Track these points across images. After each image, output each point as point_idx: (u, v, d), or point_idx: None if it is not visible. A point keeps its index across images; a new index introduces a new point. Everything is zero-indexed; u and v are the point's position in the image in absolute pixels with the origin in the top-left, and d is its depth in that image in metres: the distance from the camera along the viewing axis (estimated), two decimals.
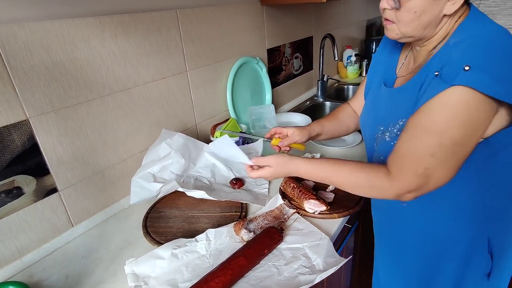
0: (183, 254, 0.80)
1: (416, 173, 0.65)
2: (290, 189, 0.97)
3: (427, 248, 0.84)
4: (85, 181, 0.95)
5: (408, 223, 0.85)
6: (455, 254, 0.81)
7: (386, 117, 0.78)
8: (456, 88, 0.59)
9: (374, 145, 0.83)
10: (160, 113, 1.13)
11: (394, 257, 0.96)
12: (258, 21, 1.50)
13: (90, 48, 0.90)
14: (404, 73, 0.81)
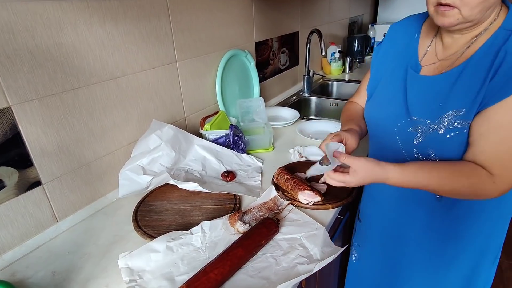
0: (178, 247, 0.78)
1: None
2: (284, 181, 0.97)
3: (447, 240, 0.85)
4: (70, 173, 0.91)
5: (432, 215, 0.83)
6: (476, 242, 0.83)
7: (431, 107, 0.72)
8: None
9: (412, 140, 0.75)
10: (149, 104, 1.10)
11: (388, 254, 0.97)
12: (247, 14, 1.49)
13: (77, 34, 0.86)
14: (431, 61, 0.78)
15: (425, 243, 0.87)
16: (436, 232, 0.84)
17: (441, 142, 0.71)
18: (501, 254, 1.96)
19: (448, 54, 0.75)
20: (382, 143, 0.86)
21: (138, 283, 0.69)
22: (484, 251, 0.85)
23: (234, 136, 1.19)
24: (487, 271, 0.89)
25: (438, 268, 0.88)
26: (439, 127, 0.70)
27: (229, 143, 1.20)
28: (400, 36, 0.86)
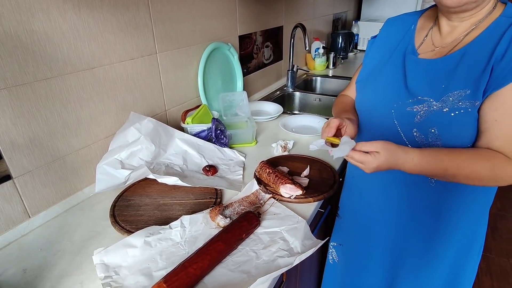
0: (156, 242, 0.76)
1: None
2: (266, 175, 0.97)
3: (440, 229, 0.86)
4: (43, 167, 0.87)
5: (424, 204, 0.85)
6: (464, 233, 0.85)
7: (435, 87, 0.73)
8: None
9: (413, 119, 0.75)
10: (127, 96, 1.06)
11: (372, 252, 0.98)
12: (231, 6, 1.47)
13: (50, 21, 0.81)
14: (428, 49, 0.79)
15: (419, 231, 0.88)
16: (430, 217, 0.85)
17: (445, 120, 0.71)
18: None
19: (446, 42, 0.77)
20: (377, 128, 0.85)
21: (114, 279, 0.67)
22: (471, 242, 0.87)
23: (216, 130, 1.18)
24: (473, 262, 0.91)
25: (430, 257, 0.89)
26: (443, 106, 0.71)
27: (211, 137, 1.18)
28: (396, 29, 0.87)
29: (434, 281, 0.92)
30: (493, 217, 2.34)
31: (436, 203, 0.83)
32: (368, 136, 0.87)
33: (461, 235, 0.85)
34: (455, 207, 0.82)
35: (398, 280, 0.96)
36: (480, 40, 0.70)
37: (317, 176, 1.02)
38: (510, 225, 2.26)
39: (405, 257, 0.93)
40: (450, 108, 0.70)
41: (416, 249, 0.90)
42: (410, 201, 0.86)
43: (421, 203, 0.84)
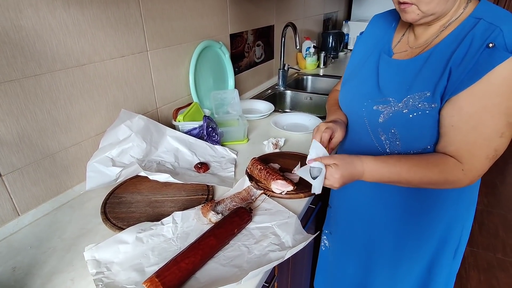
0: (148, 238, 0.76)
1: (487, 157, 0.66)
2: (257, 171, 0.98)
3: (407, 231, 0.88)
4: (33, 165, 0.86)
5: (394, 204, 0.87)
6: (435, 235, 0.86)
7: (399, 88, 0.75)
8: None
9: (378, 119, 0.78)
10: (118, 94, 1.06)
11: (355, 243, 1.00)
12: (222, 5, 1.47)
13: (39, 17, 0.81)
14: (403, 49, 0.81)
15: (391, 226, 0.90)
16: (401, 215, 0.87)
17: (404, 121, 0.73)
18: None
19: (419, 43, 0.78)
20: (352, 125, 0.89)
21: (106, 275, 0.67)
22: (444, 241, 0.87)
23: (208, 127, 1.18)
24: (447, 265, 0.90)
25: (403, 253, 0.91)
26: (404, 107, 0.73)
27: (203, 134, 1.18)
28: (380, 25, 0.89)
29: (408, 279, 0.93)
30: (480, 213, 2.40)
31: (405, 202, 0.85)
32: (347, 132, 0.91)
33: (432, 234, 0.86)
34: (425, 206, 0.83)
35: (373, 273, 0.99)
36: (445, 42, 0.71)
37: None
38: (497, 221, 2.32)
39: (378, 252, 0.95)
40: (410, 109, 0.72)
41: (387, 245, 0.92)
42: (381, 198, 0.88)
43: (391, 200, 0.86)
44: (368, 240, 0.96)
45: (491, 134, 0.65)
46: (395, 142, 0.77)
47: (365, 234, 0.96)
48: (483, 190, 2.65)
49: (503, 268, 1.93)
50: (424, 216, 0.84)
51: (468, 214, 0.88)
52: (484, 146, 0.66)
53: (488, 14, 0.67)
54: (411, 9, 0.70)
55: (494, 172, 2.90)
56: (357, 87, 0.85)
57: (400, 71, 0.77)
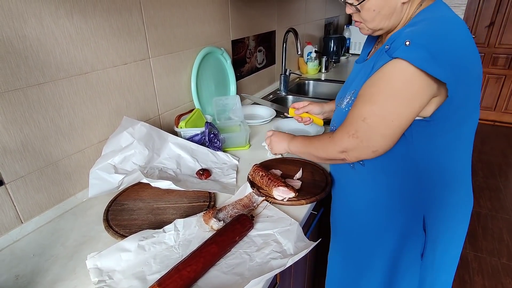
0: (150, 245, 0.76)
1: (348, 133, 0.76)
2: (259, 178, 0.98)
3: (366, 226, 0.90)
4: (36, 173, 0.87)
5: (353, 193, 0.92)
6: (392, 232, 0.86)
7: (346, 88, 0.89)
8: (395, 61, 0.66)
9: (335, 116, 0.93)
10: (121, 101, 1.07)
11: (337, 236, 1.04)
12: (223, 11, 1.48)
13: (43, 27, 0.82)
14: None
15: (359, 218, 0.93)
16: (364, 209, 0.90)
17: (341, 115, 0.84)
18: (467, 245, 2.05)
19: None
20: None
21: (108, 284, 0.67)
22: (403, 237, 0.84)
23: (210, 133, 1.18)
24: (411, 264, 0.86)
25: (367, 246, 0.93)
26: (342, 103, 0.86)
27: (205, 141, 1.19)
28: (370, 37, 0.95)
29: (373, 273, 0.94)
30: (484, 217, 2.38)
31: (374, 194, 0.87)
32: None
33: (392, 228, 0.86)
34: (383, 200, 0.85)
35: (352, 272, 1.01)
36: (380, 49, 0.76)
37: (309, 178, 1.03)
38: (501, 225, 2.30)
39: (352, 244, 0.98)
40: (345, 105, 0.84)
41: (358, 235, 0.94)
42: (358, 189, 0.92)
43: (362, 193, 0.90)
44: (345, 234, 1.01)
45: (355, 116, 0.74)
46: None
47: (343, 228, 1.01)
48: (486, 194, 2.63)
49: (509, 273, 1.91)
50: (382, 208, 0.86)
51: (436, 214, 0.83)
52: (347, 123, 0.77)
53: (417, 20, 0.71)
54: (361, 26, 0.80)
55: (498, 175, 2.88)
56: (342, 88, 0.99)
57: (354, 72, 0.89)
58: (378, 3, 0.71)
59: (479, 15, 3.64)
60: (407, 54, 0.63)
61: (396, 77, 0.67)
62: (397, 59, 0.65)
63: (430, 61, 0.62)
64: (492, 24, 3.62)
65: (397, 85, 0.67)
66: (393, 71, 0.67)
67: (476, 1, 3.59)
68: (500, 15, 3.56)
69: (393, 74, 0.67)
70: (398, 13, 0.73)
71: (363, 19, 0.77)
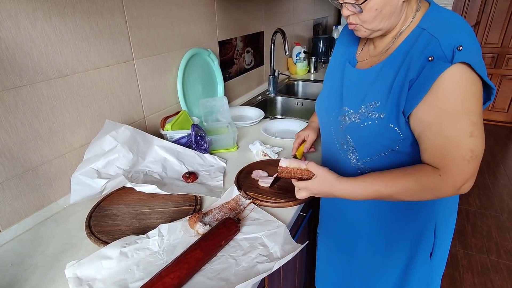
0: (133, 252, 0.74)
1: (464, 159, 0.65)
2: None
3: (380, 232, 0.88)
4: (14, 179, 0.84)
5: (362, 207, 0.88)
6: (407, 236, 0.85)
7: (356, 98, 0.78)
8: (458, 65, 0.62)
9: (340, 127, 0.82)
10: (104, 104, 1.04)
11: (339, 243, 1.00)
12: (210, 12, 1.47)
13: (19, 29, 0.79)
14: (364, 57, 0.83)
15: (363, 229, 0.91)
16: (371, 217, 0.88)
17: (357, 130, 0.77)
18: (457, 243, 2.07)
19: (377, 52, 0.80)
20: (324, 132, 0.95)
21: None
22: (416, 242, 0.86)
23: (196, 136, 1.17)
24: (423, 266, 0.88)
25: (377, 256, 0.91)
26: (357, 117, 0.77)
27: (191, 143, 1.17)
28: (350, 33, 0.89)
29: (385, 281, 0.93)
30: (473, 214, 2.41)
31: (376, 204, 0.85)
32: (322, 139, 0.98)
33: (402, 236, 0.86)
34: (395, 209, 0.84)
35: (353, 276, 0.99)
36: (395, 54, 0.73)
37: None
38: (490, 222, 2.32)
39: (356, 255, 0.96)
40: (361, 119, 0.76)
41: (365, 247, 0.93)
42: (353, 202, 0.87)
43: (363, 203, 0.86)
44: (348, 243, 0.97)
45: (459, 136, 0.64)
46: (352, 149, 0.82)
47: (344, 237, 0.97)
48: (475, 192, 2.66)
49: (497, 270, 1.93)
50: (394, 219, 0.85)
51: (444, 215, 0.86)
52: (455, 148, 0.65)
53: (431, 24, 0.69)
54: (359, 27, 0.74)
55: (486, 173, 2.92)
56: (326, 98, 0.91)
57: (359, 80, 0.79)
58: (380, 1, 0.68)
59: (465, 14, 3.69)
60: (467, 58, 0.62)
61: (469, 81, 0.63)
62: (458, 64, 0.62)
63: (480, 64, 0.63)
64: (477, 23, 3.68)
65: (473, 87, 0.64)
66: (462, 76, 0.63)
67: (462, 1, 3.65)
68: (485, 14, 3.62)
69: (464, 78, 0.63)
70: (397, 13, 0.71)
71: (361, 21, 0.72)
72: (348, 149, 0.83)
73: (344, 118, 0.80)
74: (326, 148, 0.94)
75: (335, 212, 0.99)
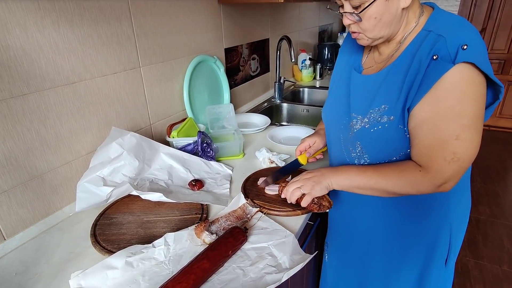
0: (138, 262, 0.72)
1: (445, 159, 0.66)
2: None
3: (394, 239, 0.86)
4: (20, 187, 0.83)
5: (377, 215, 0.86)
6: (422, 244, 0.84)
7: (364, 104, 0.78)
8: (459, 66, 0.62)
9: (349, 134, 0.82)
10: (110, 111, 1.04)
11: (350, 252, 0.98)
12: (216, 20, 1.47)
13: (27, 36, 0.80)
14: (370, 64, 0.83)
15: (376, 238, 0.89)
16: (384, 225, 0.86)
17: (366, 135, 0.77)
18: (468, 252, 2.02)
19: (382, 58, 0.80)
20: (331, 141, 0.93)
21: None
22: (432, 249, 0.84)
23: (203, 143, 1.16)
24: (439, 273, 0.88)
25: (391, 264, 0.89)
26: (366, 122, 0.77)
27: (198, 150, 1.16)
28: (354, 41, 0.89)
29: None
30: (484, 223, 2.36)
31: (388, 212, 0.84)
32: (328, 146, 0.98)
33: (417, 243, 0.85)
34: (407, 216, 0.83)
35: (367, 284, 0.97)
36: (402, 58, 0.73)
37: None
38: (501, 231, 2.27)
39: (369, 264, 0.93)
40: (371, 124, 0.76)
41: (375, 257, 0.91)
42: (364, 210, 0.88)
43: (374, 212, 0.86)
44: (360, 253, 0.95)
45: (446, 137, 0.66)
46: (362, 155, 0.81)
47: (356, 247, 0.95)
48: (485, 200, 2.61)
49: (510, 281, 1.87)
50: (407, 225, 0.83)
51: (457, 220, 0.85)
52: (440, 148, 0.67)
53: (437, 25, 0.69)
54: (361, 36, 0.75)
55: (496, 180, 2.87)
56: (333, 106, 0.90)
57: (366, 86, 0.79)
58: (379, 10, 0.68)
59: (471, 21, 3.68)
60: (470, 57, 0.61)
61: (469, 81, 0.63)
62: (462, 64, 0.62)
63: (485, 62, 0.63)
64: (484, 29, 3.66)
65: (473, 88, 0.64)
66: (463, 76, 0.63)
67: (467, 7, 3.64)
68: (491, 20, 3.60)
69: (465, 79, 0.63)
70: (398, 20, 0.71)
71: (362, 29, 0.72)
72: (357, 155, 0.82)
73: (353, 124, 0.80)
74: (335, 156, 0.93)
75: (345, 222, 0.97)
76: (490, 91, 0.68)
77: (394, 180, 0.73)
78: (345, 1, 0.70)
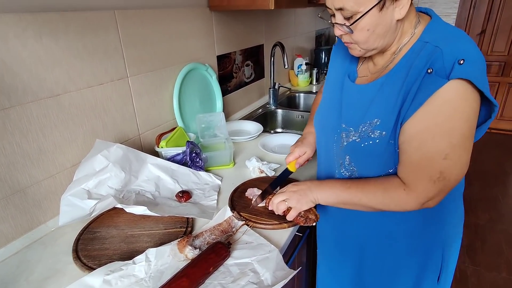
0: (117, 279, 0.71)
1: (431, 179, 0.64)
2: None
3: (386, 258, 0.84)
4: (1, 201, 0.82)
5: (367, 228, 0.84)
6: (414, 262, 0.82)
7: (355, 116, 0.75)
8: (454, 82, 0.59)
9: (340, 144, 0.79)
10: (96, 123, 1.03)
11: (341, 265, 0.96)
12: (207, 27, 1.46)
13: (8, 49, 0.79)
14: (364, 73, 0.80)
15: (368, 254, 0.87)
16: (377, 239, 0.84)
17: (357, 150, 0.75)
18: (466, 259, 1.99)
19: (376, 69, 0.77)
20: (321, 149, 0.92)
21: None
22: (423, 267, 0.83)
23: (191, 153, 1.14)
24: (430, 283, 0.86)
25: (383, 280, 0.88)
26: (357, 136, 0.74)
27: (186, 160, 1.14)
28: None
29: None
30: (482, 228, 2.33)
31: (381, 226, 0.82)
32: (318, 154, 0.95)
33: (409, 260, 0.83)
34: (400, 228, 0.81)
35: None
36: (396, 69, 0.70)
37: None
38: (500, 237, 2.24)
39: (363, 277, 0.91)
40: (361, 138, 0.73)
41: (370, 270, 0.89)
42: (360, 221, 0.85)
43: (366, 224, 0.84)
44: (351, 267, 0.93)
45: (434, 155, 0.64)
46: (351, 167, 0.79)
47: (347, 261, 0.93)
48: (484, 205, 2.58)
49: None
50: (398, 242, 0.82)
51: (450, 238, 0.83)
52: (426, 167, 0.65)
53: (434, 36, 0.66)
54: (354, 46, 0.72)
55: (495, 185, 2.84)
56: (324, 113, 0.88)
57: (359, 96, 0.76)
58: (372, 22, 0.65)
59: (470, 23, 3.65)
60: (468, 73, 0.58)
61: (463, 99, 0.61)
62: (456, 80, 0.59)
63: (481, 78, 0.60)
64: (483, 32, 3.64)
65: (466, 107, 0.61)
66: (457, 93, 0.60)
67: (466, 10, 3.61)
68: (490, 23, 3.58)
69: (458, 96, 0.60)
70: (392, 31, 0.68)
71: (355, 40, 0.69)
72: (345, 167, 0.80)
73: (343, 136, 0.78)
74: (324, 166, 0.91)
75: (334, 235, 0.95)
76: (484, 108, 0.65)
77: (378, 198, 0.71)
78: (336, 11, 0.67)
